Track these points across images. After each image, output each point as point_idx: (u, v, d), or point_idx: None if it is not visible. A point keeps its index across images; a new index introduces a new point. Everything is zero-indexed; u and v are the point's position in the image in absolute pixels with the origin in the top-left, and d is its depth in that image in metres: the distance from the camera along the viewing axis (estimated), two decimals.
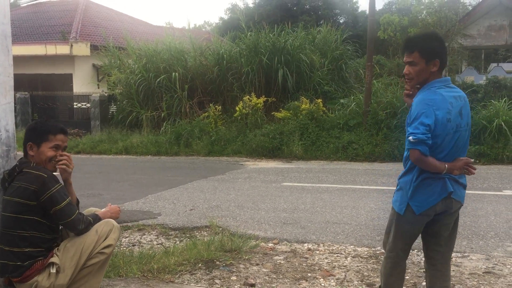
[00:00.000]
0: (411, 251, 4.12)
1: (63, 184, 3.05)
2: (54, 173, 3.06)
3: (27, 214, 2.95)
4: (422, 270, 4.19)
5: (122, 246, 5.13)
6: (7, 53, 3.19)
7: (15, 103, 17.90)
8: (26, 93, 18.49)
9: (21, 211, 2.94)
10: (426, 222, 2.94)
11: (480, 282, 3.89)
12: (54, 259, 3.01)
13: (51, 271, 2.96)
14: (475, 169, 2.85)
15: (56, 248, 3.09)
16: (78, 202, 3.31)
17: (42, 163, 3.07)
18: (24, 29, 23.70)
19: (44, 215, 2.99)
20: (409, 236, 3.00)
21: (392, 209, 3.04)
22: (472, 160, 2.84)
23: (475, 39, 22.35)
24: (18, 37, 22.04)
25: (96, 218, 3.19)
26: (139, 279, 3.88)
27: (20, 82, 20.07)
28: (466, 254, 4.70)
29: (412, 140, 2.72)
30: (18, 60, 18.38)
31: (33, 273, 2.97)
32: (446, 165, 2.77)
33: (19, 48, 19.07)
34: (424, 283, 3.85)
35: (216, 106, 14.63)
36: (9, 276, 3.01)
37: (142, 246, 5.25)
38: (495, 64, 29.14)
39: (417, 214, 2.86)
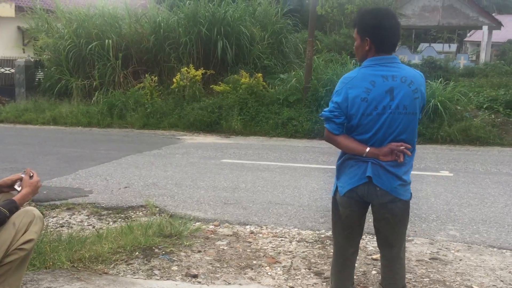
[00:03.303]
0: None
1: None
2: None
3: None
4: (370, 257, 4.08)
5: (49, 227, 4.69)
6: None
7: None
8: None
9: None
10: (359, 208, 2.75)
11: (429, 270, 3.81)
12: None
13: None
14: (409, 154, 2.61)
15: None
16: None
17: None
18: None
19: None
20: (342, 220, 2.80)
21: None
22: (402, 147, 2.58)
23: (410, 19, 22.85)
24: None
25: (13, 207, 2.70)
26: (69, 271, 3.48)
27: None
28: (410, 237, 4.64)
29: (321, 117, 2.79)
30: None
31: None
32: (368, 149, 2.61)
33: None
34: (373, 272, 3.75)
35: (152, 77, 13.95)
36: None
37: (71, 227, 4.86)
38: (426, 44, 30.10)
39: (341, 195, 2.73)
